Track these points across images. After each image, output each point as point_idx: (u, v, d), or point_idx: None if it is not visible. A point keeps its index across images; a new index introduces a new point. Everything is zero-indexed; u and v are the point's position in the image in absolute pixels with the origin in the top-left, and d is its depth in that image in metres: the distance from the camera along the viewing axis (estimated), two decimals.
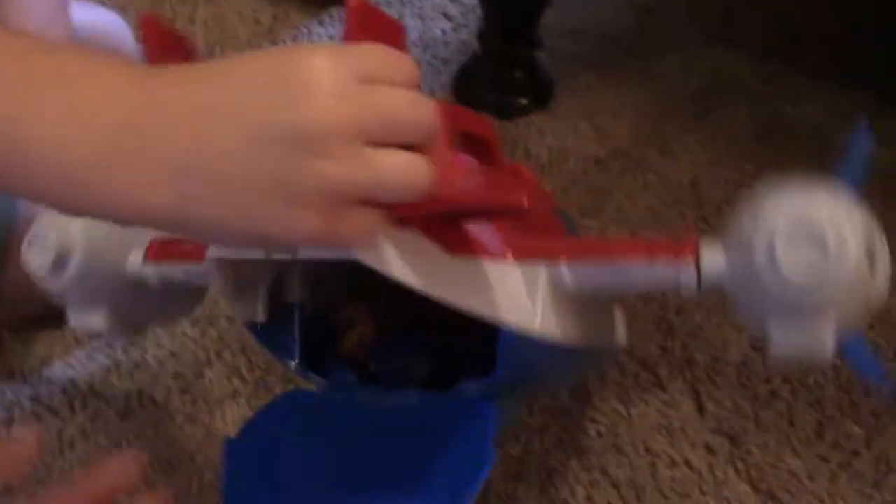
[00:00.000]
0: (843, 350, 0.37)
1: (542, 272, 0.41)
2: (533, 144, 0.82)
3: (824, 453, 0.57)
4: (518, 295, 0.40)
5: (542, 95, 0.86)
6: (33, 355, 0.65)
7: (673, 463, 0.57)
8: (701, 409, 0.60)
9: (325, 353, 0.47)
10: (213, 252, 0.39)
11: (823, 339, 0.34)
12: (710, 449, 0.57)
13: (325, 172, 0.28)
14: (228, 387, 0.61)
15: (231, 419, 0.59)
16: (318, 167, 0.28)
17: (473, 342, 0.42)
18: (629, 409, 0.60)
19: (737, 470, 0.56)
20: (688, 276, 0.38)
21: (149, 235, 0.48)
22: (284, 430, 0.44)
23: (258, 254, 0.37)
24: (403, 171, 0.30)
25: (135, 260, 0.47)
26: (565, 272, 0.41)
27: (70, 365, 0.64)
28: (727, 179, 0.77)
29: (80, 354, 0.65)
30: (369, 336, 0.47)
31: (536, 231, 0.44)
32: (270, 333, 0.45)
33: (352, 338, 0.47)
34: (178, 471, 0.57)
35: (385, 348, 0.47)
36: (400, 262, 0.35)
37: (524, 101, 0.85)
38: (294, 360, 0.46)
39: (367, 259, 0.33)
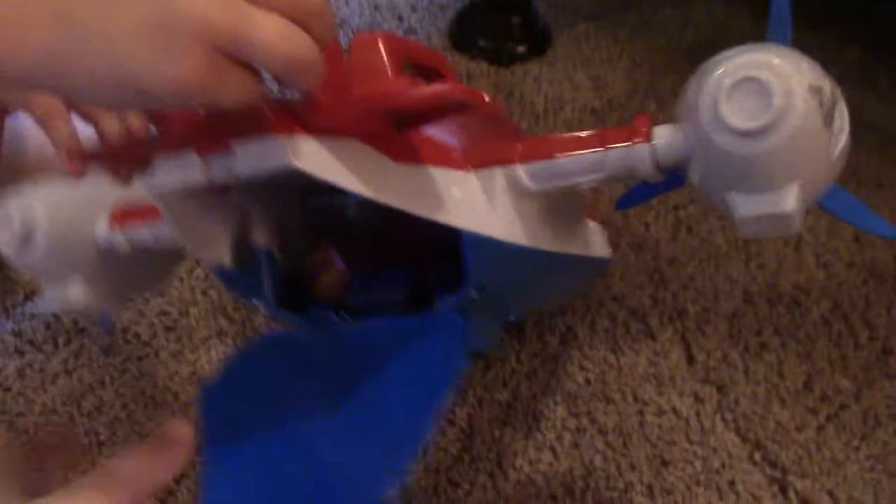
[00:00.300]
0: (843, 213, 0.36)
1: (498, 176, 0.40)
2: (528, 93, 0.80)
3: (812, 405, 0.57)
4: (476, 201, 0.40)
5: (539, 43, 0.85)
6: (16, 290, 0.64)
7: (661, 411, 0.56)
8: (690, 359, 0.59)
9: (301, 300, 0.46)
10: (154, 187, 0.37)
11: (785, 202, 0.33)
12: (698, 398, 0.57)
13: (195, 10, 0.27)
14: (214, 326, 0.61)
15: (216, 358, 0.59)
16: (188, 3, 0.27)
17: (448, 272, 0.41)
18: (619, 357, 0.59)
19: (724, 420, 0.56)
20: (641, 155, 0.37)
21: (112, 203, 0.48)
22: (260, 369, 0.43)
23: (196, 176, 0.35)
24: (282, 36, 0.28)
25: (102, 226, 0.47)
26: (522, 173, 0.40)
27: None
28: None
29: None
30: (343, 275, 0.47)
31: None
32: (241, 279, 0.44)
33: (325, 279, 0.46)
34: (162, 408, 0.57)
35: (360, 284, 0.47)
36: (343, 169, 0.34)
37: (521, 49, 0.84)
38: (265, 301, 0.44)
39: (308, 166, 0.32)
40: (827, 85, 0.33)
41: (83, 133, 0.48)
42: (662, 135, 0.36)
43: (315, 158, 0.32)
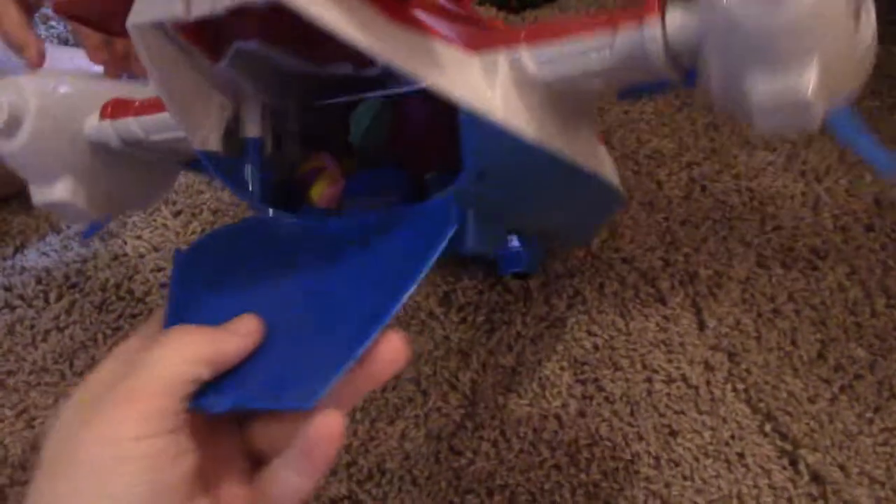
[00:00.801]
0: (843, 136, 0.34)
1: (501, 59, 0.38)
2: None
3: (826, 375, 0.55)
4: (476, 79, 0.37)
5: None
6: (6, 242, 0.62)
7: (670, 379, 0.55)
8: (701, 325, 0.58)
9: (294, 207, 0.45)
10: (134, 22, 0.35)
11: (805, 80, 0.31)
12: (708, 366, 0.55)
13: None
14: None
15: None
16: None
17: (445, 176, 0.39)
18: (627, 322, 0.58)
19: (735, 389, 0.54)
20: (653, 35, 0.34)
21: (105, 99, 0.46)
22: (239, 248, 0.41)
23: (177, 8, 0.33)
24: None
25: (92, 119, 0.45)
26: (526, 57, 0.38)
27: (45, 254, 0.61)
28: None
29: (56, 243, 0.61)
30: (338, 181, 0.45)
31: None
32: (229, 169, 0.42)
33: (320, 186, 0.45)
34: None
35: (355, 187, 0.45)
36: (335, 10, 0.31)
37: None
38: (252, 195, 0.43)
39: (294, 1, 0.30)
40: None
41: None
42: (675, 16, 0.34)
43: None
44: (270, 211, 0.41)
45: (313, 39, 0.37)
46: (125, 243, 0.61)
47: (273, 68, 0.42)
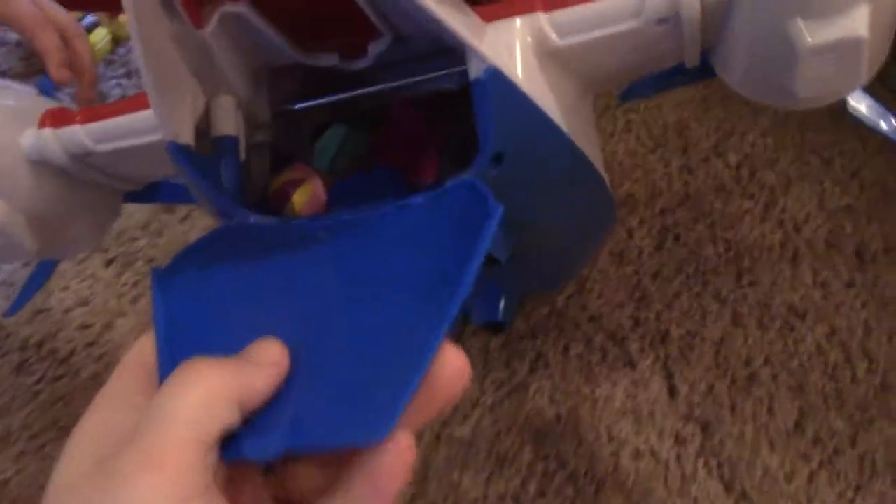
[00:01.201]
0: (865, 119, 0.32)
1: (518, 27, 0.35)
2: None
3: (804, 449, 0.51)
4: (495, 43, 0.34)
5: None
6: None
7: (638, 453, 0.51)
8: (672, 392, 0.54)
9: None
10: None
11: (857, 23, 0.29)
12: (679, 439, 0.52)
13: None
14: None
15: None
16: None
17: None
18: (594, 388, 0.54)
19: (707, 465, 0.51)
20: None
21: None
22: (228, 259, 0.34)
23: None
24: None
25: (29, 133, 0.40)
26: (545, 24, 0.34)
27: None
28: (717, 126, 0.69)
29: None
30: (320, 193, 0.40)
31: None
32: (199, 167, 0.36)
33: (302, 194, 0.39)
34: None
35: (343, 191, 0.40)
36: None
37: None
38: (225, 200, 0.36)
39: None
40: None
41: None
42: None
43: None
44: (252, 217, 0.35)
45: (302, 23, 0.34)
46: (50, 295, 0.56)
47: (253, 52, 0.38)
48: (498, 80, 0.32)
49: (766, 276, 0.60)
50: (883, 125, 0.36)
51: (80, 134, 0.40)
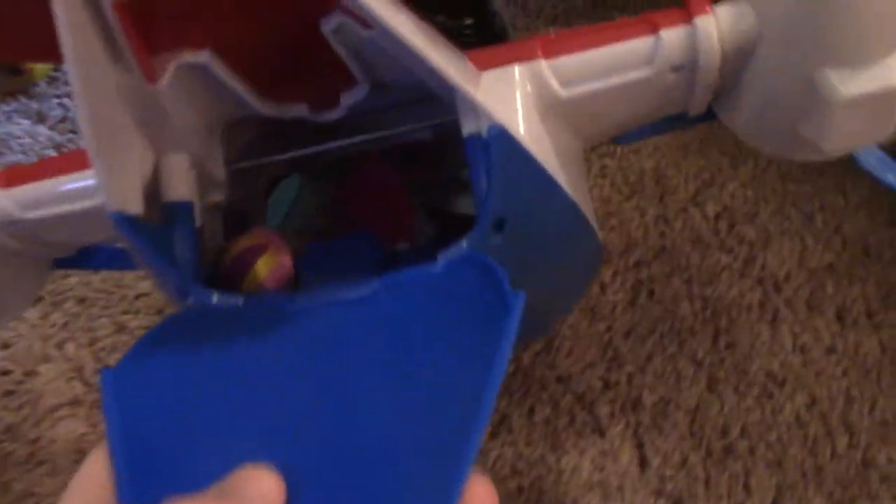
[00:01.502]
0: (876, 172, 0.29)
1: (518, 74, 0.31)
2: None
3: None
4: (492, 93, 0.30)
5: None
6: None
7: None
8: (643, 463, 0.50)
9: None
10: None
11: (894, 83, 0.27)
12: None
13: None
14: (67, 391, 0.49)
15: (65, 436, 0.47)
16: None
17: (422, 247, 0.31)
18: (559, 457, 0.50)
19: None
20: (706, 32, 0.29)
21: None
22: (191, 354, 0.28)
23: None
24: None
25: None
26: (547, 72, 0.31)
27: None
28: (696, 174, 0.66)
29: None
30: (287, 255, 0.35)
31: None
32: (153, 239, 0.31)
33: (266, 263, 0.34)
34: None
35: (313, 260, 0.35)
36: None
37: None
38: (178, 274, 0.31)
39: None
40: None
41: None
42: (727, 10, 0.29)
43: None
44: (215, 296, 0.30)
45: (270, 71, 0.30)
46: None
47: (211, 105, 0.34)
48: (503, 139, 0.29)
49: (745, 339, 0.56)
50: (891, 178, 0.33)
51: (4, 200, 0.35)
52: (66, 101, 0.67)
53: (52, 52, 0.26)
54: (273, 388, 0.26)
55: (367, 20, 0.28)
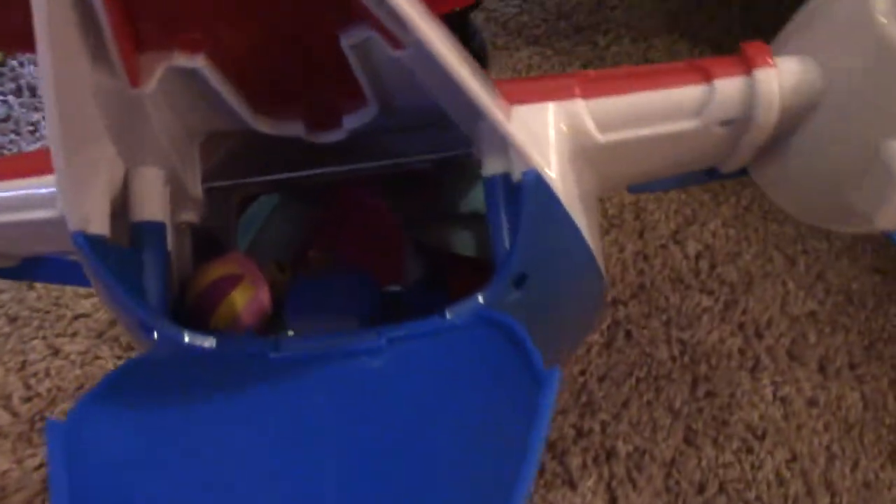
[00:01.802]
0: None
1: (552, 113, 0.28)
2: None
3: None
4: (523, 132, 0.27)
5: None
6: None
7: None
8: None
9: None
10: None
11: None
12: None
13: None
14: None
15: None
16: None
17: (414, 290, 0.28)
18: None
19: None
20: (768, 84, 0.26)
21: None
22: (156, 405, 0.24)
23: None
24: None
25: None
26: (584, 115, 0.28)
27: None
28: (677, 209, 0.64)
29: None
30: (265, 289, 0.30)
31: None
32: (118, 264, 0.27)
33: (242, 295, 0.30)
34: None
35: (298, 300, 0.31)
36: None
37: None
38: (147, 307, 0.27)
39: None
40: None
41: None
42: (790, 64, 0.26)
43: None
44: (186, 336, 0.26)
45: (268, 84, 0.27)
46: None
47: (196, 115, 0.30)
48: (539, 186, 0.25)
49: (724, 388, 0.53)
50: None
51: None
52: (10, 98, 0.62)
53: (24, 39, 0.22)
54: (251, 455, 0.22)
55: (399, 39, 0.24)
